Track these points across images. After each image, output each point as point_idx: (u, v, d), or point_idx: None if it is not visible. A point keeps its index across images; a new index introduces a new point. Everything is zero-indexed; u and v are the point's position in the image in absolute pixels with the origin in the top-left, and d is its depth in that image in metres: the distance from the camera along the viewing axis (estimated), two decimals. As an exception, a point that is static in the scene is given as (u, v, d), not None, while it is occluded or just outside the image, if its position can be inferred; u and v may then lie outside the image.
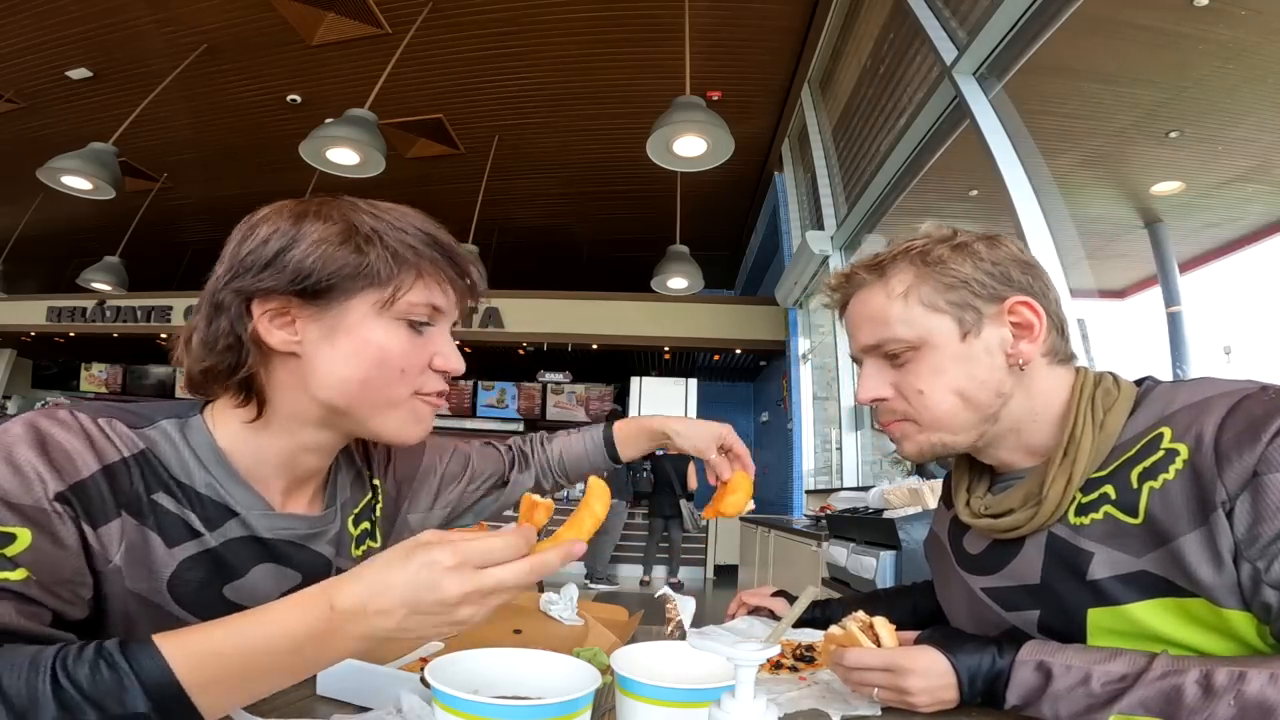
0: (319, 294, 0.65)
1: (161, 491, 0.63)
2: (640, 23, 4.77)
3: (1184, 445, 0.67)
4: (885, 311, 0.80)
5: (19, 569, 0.52)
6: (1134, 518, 0.69)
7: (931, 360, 0.78)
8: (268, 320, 0.65)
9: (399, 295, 0.66)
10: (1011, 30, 2.78)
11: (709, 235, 7.87)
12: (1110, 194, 3.99)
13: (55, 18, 4.80)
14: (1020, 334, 0.78)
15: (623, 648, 0.64)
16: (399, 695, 0.67)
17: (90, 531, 0.57)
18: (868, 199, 4.37)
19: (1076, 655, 0.68)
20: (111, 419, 0.62)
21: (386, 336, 0.67)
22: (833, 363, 5.61)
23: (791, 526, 4.35)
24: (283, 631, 0.50)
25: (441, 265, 0.70)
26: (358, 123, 3.67)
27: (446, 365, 0.71)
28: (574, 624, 1.05)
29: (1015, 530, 0.78)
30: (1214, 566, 0.63)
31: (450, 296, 0.72)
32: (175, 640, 0.49)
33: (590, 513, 0.61)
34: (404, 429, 0.71)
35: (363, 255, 0.65)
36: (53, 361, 10.67)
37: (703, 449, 1.02)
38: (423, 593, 0.49)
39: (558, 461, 1.09)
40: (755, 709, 0.44)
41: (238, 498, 0.67)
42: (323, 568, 0.74)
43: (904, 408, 0.81)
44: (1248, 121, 3.24)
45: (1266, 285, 3.49)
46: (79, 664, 0.47)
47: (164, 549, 0.62)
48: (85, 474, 0.58)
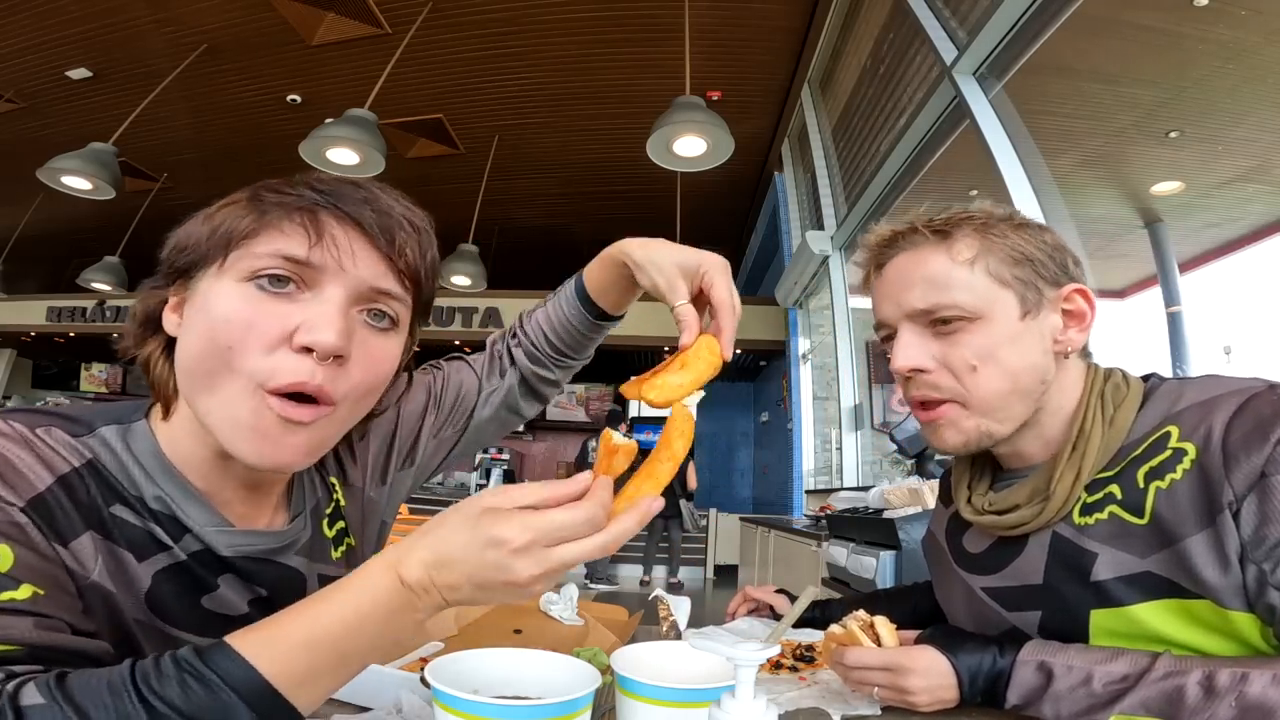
0: (185, 272, 0.57)
1: (118, 504, 0.55)
2: (640, 23, 4.77)
3: (1191, 445, 0.66)
4: (948, 275, 0.75)
5: (21, 585, 0.47)
6: (1140, 518, 0.68)
7: (989, 334, 0.74)
8: (170, 309, 0.59)
9: (235, 249, 0.53)
10: (1011, 30, 2.78)
11: (709, 235, 7.87)
12: (1110, 194, 3.99)
13: (55, 18, 4.79)
14: (1071, 322, 0.77)
15: (623, 648, 0.63)
16: (399, 695, 0.67)
17: (61, 549, 0.51)
18: (868, 199, 4.37)
19: (1078, 655, 0.67)
20: (49, 427, 0.55)
21: (221, 299, 0.53)
22: (833, 363, 5.60)
23: (791, 526, 4.35)
24: (359, 613, 0.47)
25: (305, 207, 0.54)
26: (358, 123, 3.67)
27: (306, 338, 0.52)
28: (574, 624, 1.05)
29: (1020, 527, 0.76)
30: (1220, 568, 0.62)
31: (310, 239, 0.54)
32: (251, 640, 0.46)
33: (670, 454, 0.53)
34: (251, 445, 0.54)
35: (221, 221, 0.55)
36: (53, 361, 10.67)
37: (664, 288, 0.70)
38: (491, 573, 0.46)
39: (545, 342, 0.86)
40: (755, 709, 0.44)
41: (191, 514, 0.58)
42: (296, 581, 0.66)
43: (951, 385, 0.75)
44: (1248, 121, 3.24)
45: (1266, 285, 3.49)
46: (164, 681, 0.43)
47: (135, 564, 0.55)
48: (41, 487, 0.51)
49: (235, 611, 0.60)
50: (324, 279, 0.54)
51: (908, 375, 0.77)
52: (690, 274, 0.69)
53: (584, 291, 0.82)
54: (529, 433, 9.67)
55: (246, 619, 0.60)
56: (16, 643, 0.45)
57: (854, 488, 4.13)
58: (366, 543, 0.78)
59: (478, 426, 0.87)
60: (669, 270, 0.70)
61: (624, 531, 0.48)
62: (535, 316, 0.87)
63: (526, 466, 9.75)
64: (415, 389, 0.83)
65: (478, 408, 0.86)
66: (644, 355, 8.71)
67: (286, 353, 0.53)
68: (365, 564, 0.49)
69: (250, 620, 0.60)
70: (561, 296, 0.85)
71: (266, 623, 0.47)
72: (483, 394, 0.86)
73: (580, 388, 9.48)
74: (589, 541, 0.47)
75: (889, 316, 0.79)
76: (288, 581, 0.65)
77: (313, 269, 0.54)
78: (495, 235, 7.54)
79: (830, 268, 5.21)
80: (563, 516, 0.46)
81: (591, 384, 9.45)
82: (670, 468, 0.53)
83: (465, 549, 0.46)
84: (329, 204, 0.55)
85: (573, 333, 0.84)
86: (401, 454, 0.81)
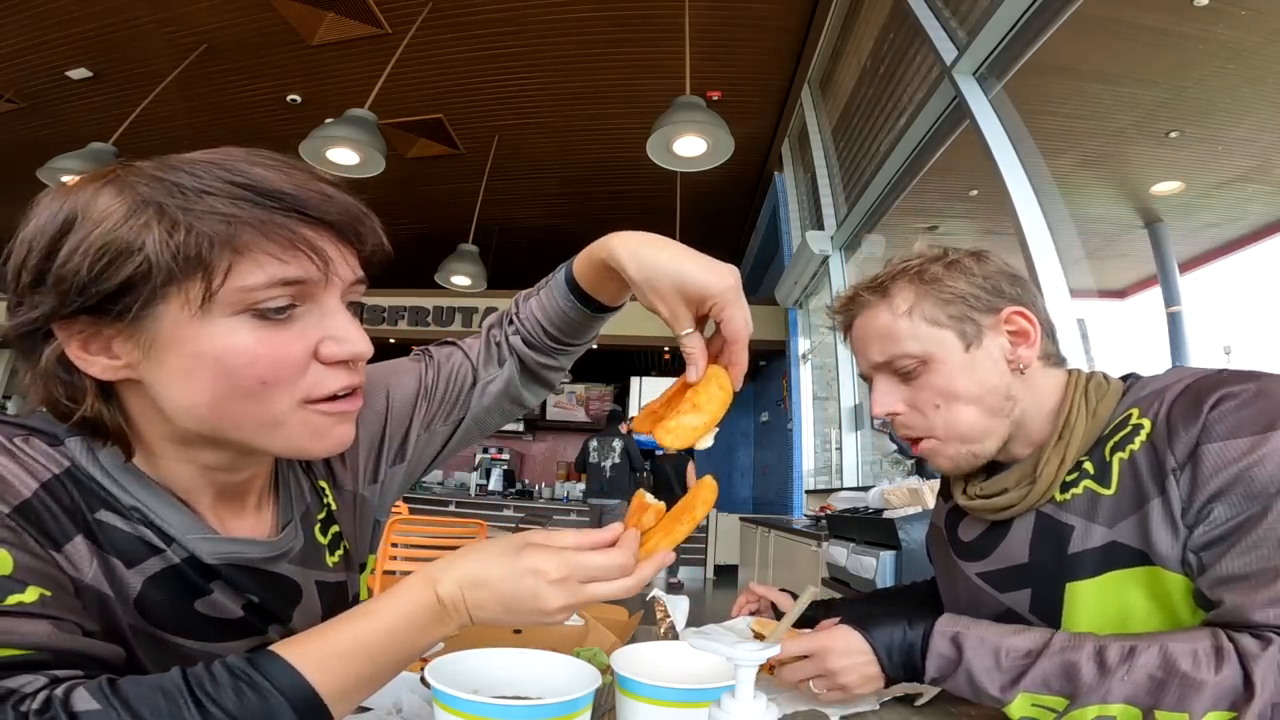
0: (109, 308, 0.48)
1: (104, 509, 0.53)
2: (640, 23, 4.77)
3: (1147, 420, 0.73)
4: (892, 328, 0.83)
5: (28, 588, 0.46)
6: (1107, 489, 0.74)
7: (941, 373, 0.81)
8: (79, 348, 0.50)
9: (215, 287, 0.48)
10: (1011, 30, 2.78)
11: (709, 235, 7.87)
12: (1110, 194, 3.99)
13: (55, 18, 4.79)
14: (1018, 341, 0.83)
15: (623, 648, 0.64)
16: (399, 695, 0.67)
17: (55, 553, 0.49)
18: (868, 199, 4.37)
19: (989, 629, 0.72)
20: (27, 436, 0.52)
21: (224, 343, 0.49)
22: (833, 363, 5.60)
23: (791, 526, 4.35)
24: (395, 627, 0.50)
25: (280, 223, 0.50)
26: (358, 123, 3.68)
27: (340, 352, 0.53)
28: (574, 624, 1.04)
29: (1009, 510, 0.82)
30: (1170, 532, 0.67)
31: (310, 262, 0.51)
32: (298, 650, 0.48)
33: (691, 518, 0.59)
34: (311, 445, 0.55)
35: (141, 246, 0.47)
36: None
37: (666, 317, 0.63)
38: (525, 599, 0.50)
39: (541, 331, 0.79)
40: (755, 709, 0.44)
41: (171, 522, 0.55)
42: (288, 587, 0.64)
43: (921, 423, 0.83)
44: (1248, 121, 3.24)
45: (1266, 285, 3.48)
46: (219, 689, 0.45)
47: (125, 570, 0.53)
48: (26, 494, 0.49)
49: (229, 615, 0.59)
50: (318, 290, 0.53)
51: (887, 420, 0.87)
52: (695, 299, 0.61)
53: (575, 285, 0.74)
54: (529, 433, 9.67)
55: (241, 622, 0.60)
56: (39, 647, 0.45)
57: (854, 488, 4.13)
58: (361, 544, 0.76)
59: (476, 417, 0.82)
60: (670, 297, 0.62)
61: (644, 578, 0.54)
62: (530, 304, 0.79)
63: (527, 466, 9.74)
64: (404, 376, 0.79)
65: (475, 398, 0.81)
66: (644, 355, 8.71)
67: (319, 367, 0.53)
68: (404, 580, 0.52)
69: (246, 623, 0.60)
70: (553, 286, 0.77)
71: (313, 634, 0.50)
72: (479, 383, 0.80)
73: (580, 388, 9.48)
74: (616, 584, 0.53)
75: (863, 369, 0.89)
76: (278, 589, 0.63)
77: (307, 285, 0.52)
78: (495, 235, 7.54)
79: (830, 268, 5.20)
80: (599, 560, 0.52)
81: (591, 384, 9.45)
82: (688, 529, 0.58)
83: (503, 573, 0.51)
84: (300, 214, 0.51)
85: (570, 322, 0.77)
86: (391, 449, 0.77)
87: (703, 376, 0.61)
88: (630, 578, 0.53)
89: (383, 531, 0.81)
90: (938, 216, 4.38)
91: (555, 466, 9.58)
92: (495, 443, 9.05)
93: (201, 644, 0.57)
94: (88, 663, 0.48)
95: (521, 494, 8.81)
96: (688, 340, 0.62)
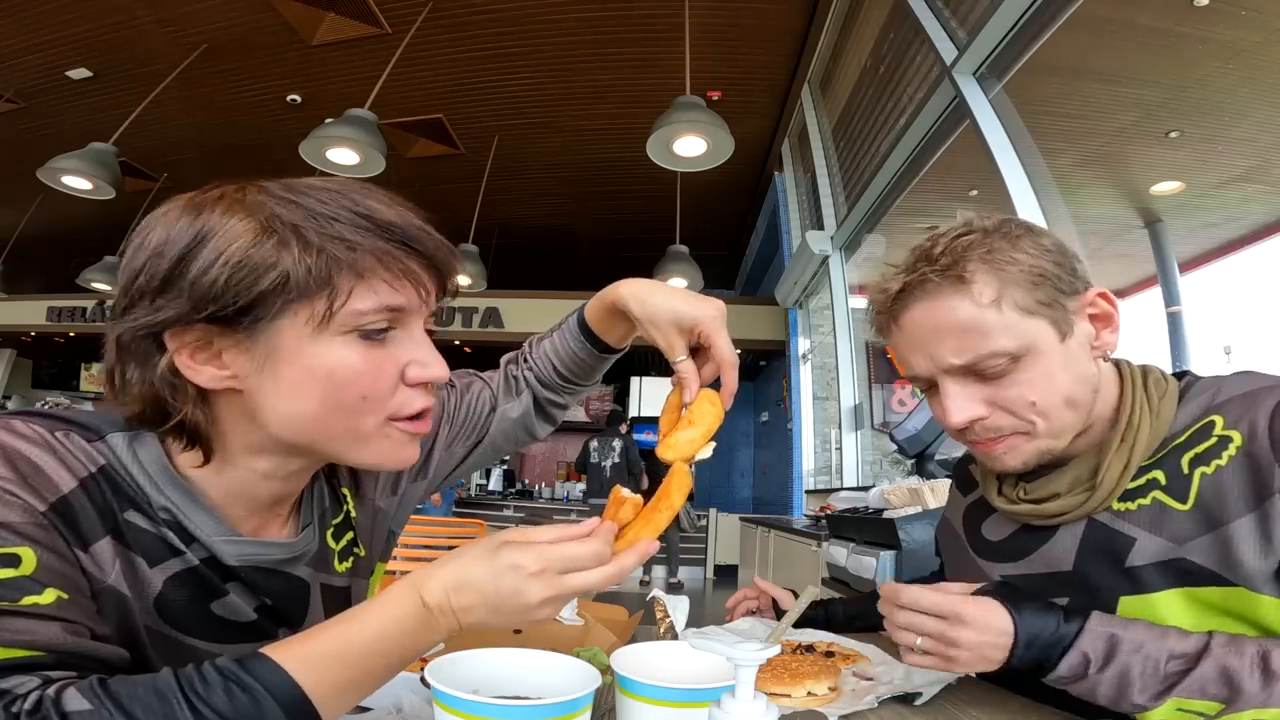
0: (236, 319, 0.51)
1: (132, 509, 0.55)
2: (640, 23, 4.77)
3: (1237, 433, 0.67)
4: (979, 322, 0.71)
5: (46, 589, 0.47)
6: (1183, 503, 0.68)
7: (1037, 368, 0.71)
8: (188, 357, 0.53)
9: (336, 307, 0.52)
10: (1011, 30, 2.78)
11: (709, 235, 7.87)
12: (1110, 194, 3.99)
13: (55, 18, 4.79)
14: (1100, 325, 0.76)
15: (623, 648, 0.64)
16: (399, 695, 0.67)
17: (81, 554, 0.51)
18: (868, 199, 4.37)
19: (1140, 630, 0.65)
20: (67, 431, 0.54)
21: (335, 359, 0.54)
22: (833, 363, 5.60)
23: (791, 526, 4.35)
24: (384, 632, 0.51)
25: (395, 254, 0.54)
26: (358, 123, 3.67)
27: (425, 375, 0.58)
28: (574, 624, 1.04)
29: (1061, 516, 0.75)
30: (1261, 552, 0.62)
31: (410, 290, 0.56)
32: (288, 653, 0.49)
33: (669, 504, 0.59)
34: (388, 455, 0.59)
35: (277, 264, 0.51)
36: (53, 361, 10.66)
37: (664, 347, 0.72)
38: (506, 597, 0.51)
39: (552, 370, 0.86)
40: (755, 709, 0.44)
41: (198, 523, 0.57)
42: (300, 590, 0.66)
43: (1011, 422, 0.73)
44: (1248, 121, 3.24)
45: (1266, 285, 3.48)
46: (210, 690, 0.45)
47: (147, 569, 0.55)
48: (65, 490, 0.51)
49: (243, 617, 0.60)
50: (410, 317, 0.58)
51: (965, 427, 0.74)
52: (687, 329, 0.71)
53: (586, 326, 0.82)
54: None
55: (254, 626, 0.61)
56: (44, 648, 0.46)
57: (854, 488, 4.13)
58: (374, 552, 0.78)
59: (493, 441, 0.88)
60: (666, 329, 0.71)
61: (626, 567, 0.54)
62: (543, 345, 0.87)
63: (526, 466, 9.74)
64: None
65: (494, 424, 0.87)
66: (644, 355, 8.71)
67: (404, 388, 0.58)
68: (391, 586, 0.52)
69: (258, 626, 0.61)
70: (565, 328, 0.85)
71: (301, 638, 0.50)
72: (499, 410, 0.87)
73: (580, 388, 9.48)
74: (595, 572, 0.53)
75: (922, 370, 0.76)
76: (292, 590, 0.65)
77: (405, 311, 0.57)
78: (495, 235, 7.53)
79: (830, 268, 5.21)
80: (576, 550, 0.52)
81: (591, 384, 9.45)
82: (668, 516, 0.58)
83: (484, 573, 0.51)
84: (408, 247, 0.55)
85: (579, 363, 0.85)
86: (415, 465, 0.80)
87: (696, 397, 0.69)
88: (610, 566, 0.54)
89: (395, 542, 0.84)
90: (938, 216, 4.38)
91: (555, 466, 9.58)
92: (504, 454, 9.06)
93: (214, 645, 0.58)
94: (91, 665, 0.48)
95: (521, 494, 8.81)
96: (682, 365, 0.71)
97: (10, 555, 0.46)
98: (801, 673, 0.78)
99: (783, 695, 0.76)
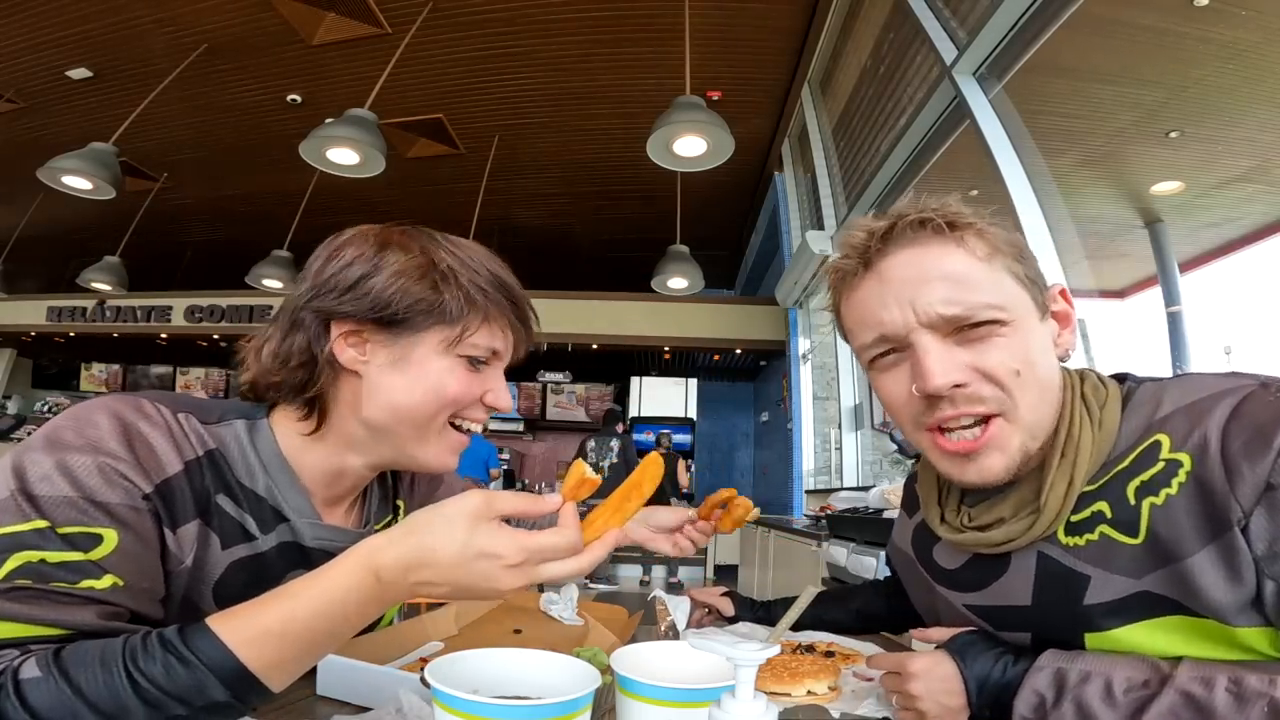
0: (393, 324, 0.68)
1: (223, 493, 0.65)
2: (640, 23, 4.77)
3: (1186, 455, 0.60)
4: (973, 274, 0.65)
5: (106, 575, 0.52)
6: (1133, 537, 0.62)
7: (1022, 338, 0.65)
8: (343, 340, 0.68)
9: (466, 336, 0.70)
10: (1011, 30, 2.78)
11: (709, 235, 7.87)
12: (1110, 194, 3.99)
13: (55, 18, 4.79)
14: (1061, 323, 0.71)
15: (623, 648, 0.64)
16: (399, 695, 0.67)
17: (170, 534, 0.58)
18: (868, 199, 4.37)
19: (1095, 660, 0.62)
20: (188, 414, 0.64)
21: (448, 373, 0.70)
22: (833, 363, 5.60)
23: (791, 526, 4.35)
24: (330, 604, 0.52)
25: (506, 310, 0.73)
26: (358, 123, 3.67)
27: (496, 402, 0.75)
28: (574, 624, 1.05)
29: (1008, 543, 0.69)
30: (1228, 585, 0.57)
31: (509, 340, 0.75)
32: (231, 624, 0.50)
33: (639, 494, 0.61)
34: (441, 456, 0.73)
35: (438, 293, 0.68)
36: (53, 361, 10.66)
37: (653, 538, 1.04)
38: (478, 580, 0.53)
39: None
40: (755, 709, 0.44)
41: (292, 503, 0.70)
42: None
43: (995, 394, 0.65)
44: (1248, 121, 3.24)
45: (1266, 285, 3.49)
46: (150, 661, 0.48)
47: (219, 551, 0.63)
48: (170, 472, 0.59)
49: None
50: (500, 359, 0.75)
51: (945, 395, 0.65)
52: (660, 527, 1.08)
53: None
54: (529, 432, 9.66)
55: None
56: (69, 627, 0.50)
57: (854, 488, 4.13)
58: None
59: None
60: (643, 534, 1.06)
61: (597, 559, 0.58)
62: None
63: (526, 466, 9.74)
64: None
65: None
66: (644, 355, 8.71)
67: (475, 406, 0.74)
68: (339, 559, 0.53)
69: None
70: None
71: (245, 608, 0.52)
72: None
73: (580, 388, 9.48)
74: (569, 563, 0.56)
75: (895, 326, 0.67)
76: None
77: (499, 354, 0.74)
78: (495, 235, 7.53)
79: (830, 268, 5.19)
80: (552, 540, 0.55)
81: (592, 384, 9.45)
82: (637, 505, 0.61)
83: (454, 557, 0.52)
84: (511, 303, 0.73)
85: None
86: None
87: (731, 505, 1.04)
88: (582, 557, 0.57)
89: None
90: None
91: (555, 466, 9.58)
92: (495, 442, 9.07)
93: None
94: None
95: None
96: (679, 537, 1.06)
97: (94, 535, 0.52)
98: (801, 672, 0.78)
99: (783, 695, 0.76)
